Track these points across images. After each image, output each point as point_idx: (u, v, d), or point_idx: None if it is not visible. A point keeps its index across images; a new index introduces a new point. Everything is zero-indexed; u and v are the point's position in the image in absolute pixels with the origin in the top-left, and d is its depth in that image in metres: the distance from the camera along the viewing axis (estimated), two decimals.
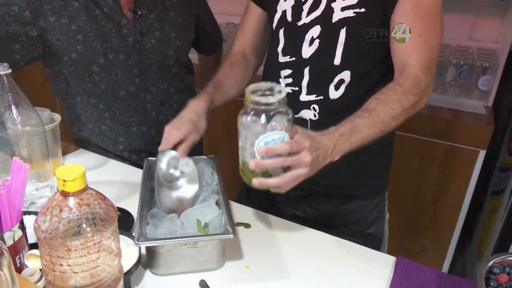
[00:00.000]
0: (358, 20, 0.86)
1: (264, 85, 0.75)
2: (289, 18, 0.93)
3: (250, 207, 1.02)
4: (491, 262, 0.75)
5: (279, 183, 0.71)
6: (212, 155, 1.02)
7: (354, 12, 0.86)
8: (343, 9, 0.87)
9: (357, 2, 0.85)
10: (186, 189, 0.92)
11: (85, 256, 0.46)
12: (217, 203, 0.89)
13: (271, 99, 0.71)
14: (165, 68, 1.14)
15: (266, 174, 0.74)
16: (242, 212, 0.98)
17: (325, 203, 1.05)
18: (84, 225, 0.45)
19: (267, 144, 0.70)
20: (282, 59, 0.96)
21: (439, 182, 1.75)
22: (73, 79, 1.10)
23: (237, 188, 1.20)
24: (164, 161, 0.92)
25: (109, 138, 1.19)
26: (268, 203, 1.06)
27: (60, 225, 0.45)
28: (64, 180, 0.44)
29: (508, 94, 1.87)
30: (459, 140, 1.67)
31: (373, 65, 0.92)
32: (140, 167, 1.21)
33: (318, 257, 0.85)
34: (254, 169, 0.71)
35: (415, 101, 0.82)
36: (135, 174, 1.13)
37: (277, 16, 0.96)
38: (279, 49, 0.96)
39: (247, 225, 0.93)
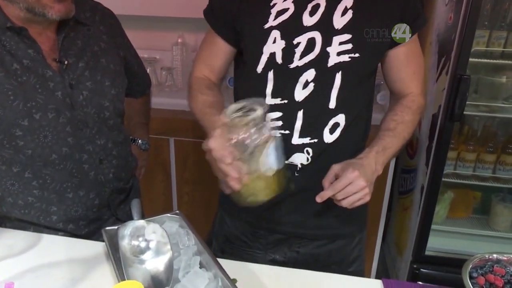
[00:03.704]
0: (353, 64, 0.90)
1: (240, 105, 0.78)
2: (279, 60, 0.91)
3: (227, 255, 0.96)
4: (469, 268, 0.84)
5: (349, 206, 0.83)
6: (177, 211, 0.94)
7: (349, 57, 0.89)
8: (339, 53, 0.89)
9: (352, 48, 0.88)
10: (157, 260, 0.82)
11: None
12: (201, 265, 0.82)
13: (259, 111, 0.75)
14: (102, 122, 1.01)
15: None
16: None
17: (306, 245, 1.04)
18: None
19: (272, 156, 0.77)
20: (271, 101, 0.93)
21: None
22: None
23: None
24: (128, 234, 0.82)
25: (38, 209, 1.00)
26: (245, 249, 1.01)
27: None
28: None
29: None
30: None
31: (362, 109, 0.98)
32: (79, 236, 1.05)
33: None
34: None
35: (419, 119, 1.01)
36: (81, 247, 0.98)
37: (264, 58, 0.93)
38: (268, 91, 0.93)
39: (234, 280, 0.87)
